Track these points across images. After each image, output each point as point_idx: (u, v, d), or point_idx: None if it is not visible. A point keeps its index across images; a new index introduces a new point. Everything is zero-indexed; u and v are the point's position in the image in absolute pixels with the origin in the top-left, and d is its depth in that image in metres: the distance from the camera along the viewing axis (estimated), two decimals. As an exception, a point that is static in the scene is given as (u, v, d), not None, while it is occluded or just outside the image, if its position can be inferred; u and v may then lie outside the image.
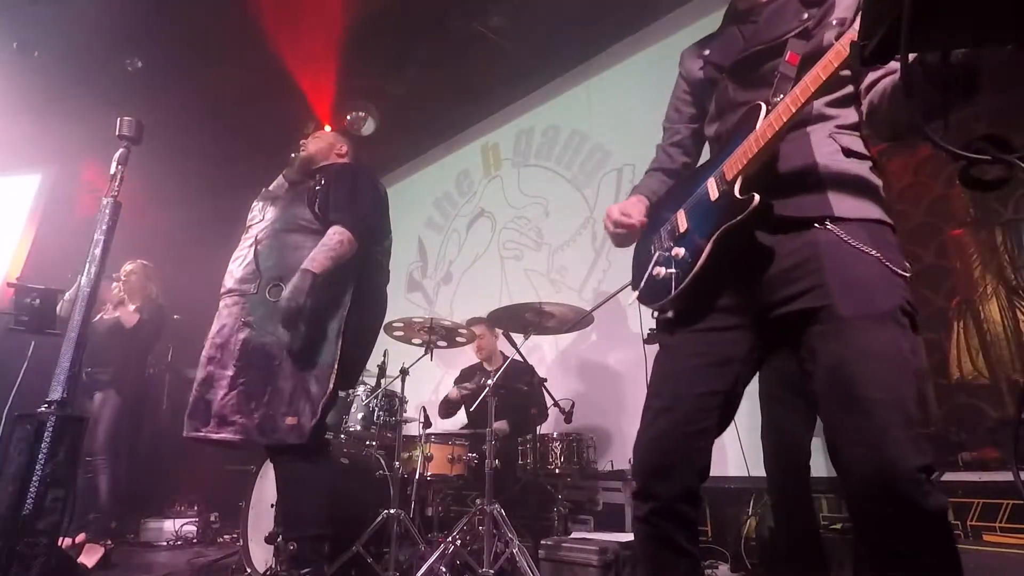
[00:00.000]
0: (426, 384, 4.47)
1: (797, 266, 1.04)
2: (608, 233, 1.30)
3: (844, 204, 1.04)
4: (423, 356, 3.08)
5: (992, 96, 2.90)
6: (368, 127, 5.06)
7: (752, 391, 2.40)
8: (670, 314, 1.18)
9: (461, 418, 3.78)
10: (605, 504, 3.29)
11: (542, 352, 4.09)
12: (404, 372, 2.95)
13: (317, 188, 2.19)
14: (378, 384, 3.18)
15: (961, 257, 3.14)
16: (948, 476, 2.57)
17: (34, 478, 1.40)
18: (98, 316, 3.60)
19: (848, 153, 1.08)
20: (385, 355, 3.12)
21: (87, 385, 3.42)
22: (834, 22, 1.08)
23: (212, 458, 4.50)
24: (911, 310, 1.00)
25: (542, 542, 2.47)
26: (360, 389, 3.13)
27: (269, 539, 2.37)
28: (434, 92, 5.05)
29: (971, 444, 2.72)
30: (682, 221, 1.18)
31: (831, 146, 1.09)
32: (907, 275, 1.01)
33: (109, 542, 3.18)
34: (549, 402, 3.09)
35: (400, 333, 3.09)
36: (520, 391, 3.02)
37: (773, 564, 2.49)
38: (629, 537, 2.75)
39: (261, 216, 2.25)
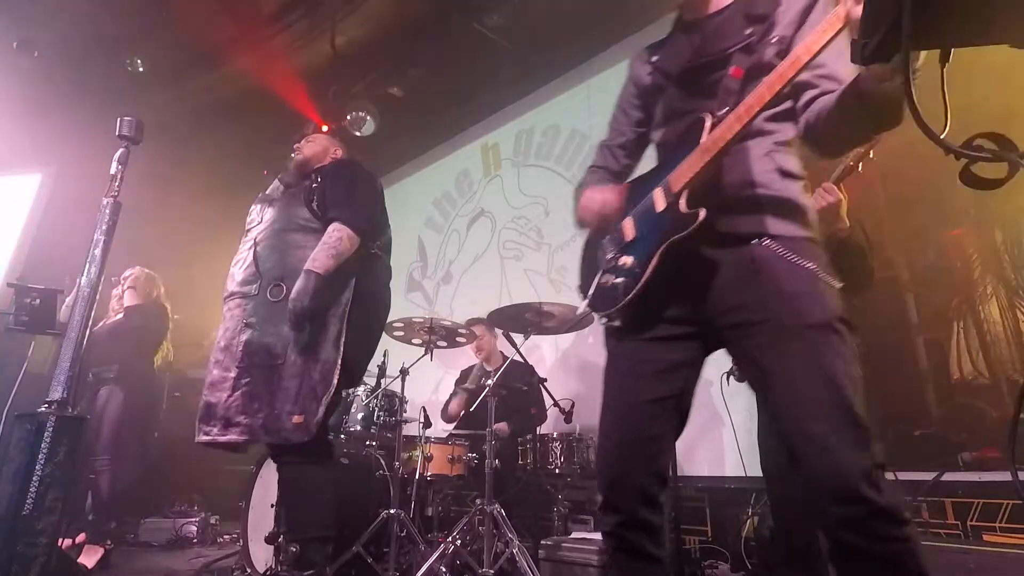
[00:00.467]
0: (426, 384, 4.47)
1: (738, 279, 1.08)
2: (585, 218, 1.28)
3: (778, 224, 1.09)
4: (423, 356, 3.08)
5: (992, 96, 2.90)
6: (368, 127, 5.06)
7: (750, 391, 2.41)
8: (618, 322, 1.20)
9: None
10: (605, 504, 3.29)
11: (542, 352, 4.09)
12: (404, 372, 2.96)
13: (314, 186, 2.19)
14: (378, 384, 3.18)
15: (961, 257, 3.14)
16: (948, 476, 2.56)
17: (34, 478, 1.40)
18: (100, 323, 3.62)
19: (784, 174, 1.13)
20: (385, 355, 3.12)
21: (93, 384, 3.42)
22: (774, 40, 1.13)
23: (212, 458, 4.49)
24: (847, 317, 1.05)
25: (542, 542, 2.47)
26: (360, 389, 3.13)
27: (269, 539, 2.37)
28: (434, 92, 5.06)
29: (971, 444, 2.72)
30: (629, 229, 1.21)
31: (769, 165, 1.13)
32: (839, 286, 1.07)
33: (109, 542, 3.18)
34: (549, 402, 3.09)
35: (400, 333, 3.09)
36: (520, 391, 3.02)
37: (773, 564, 2.49)
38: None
39: (259, 218, 2.25)
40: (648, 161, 1.39)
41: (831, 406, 0.97)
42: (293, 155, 2.38)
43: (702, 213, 1.05)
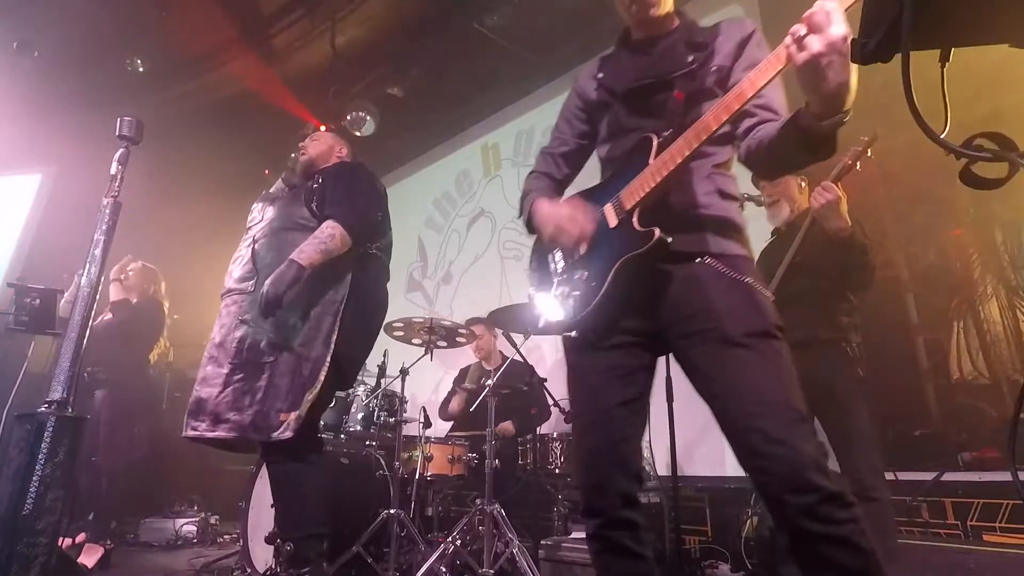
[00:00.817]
0: (426, 384, 4.47)
1: (684, 293, 1.16)
2: (557, 239, 1.27)
3: (719, 243, 1.19)
4: (423, 356, 3.08)
5: (992, 95, 2.90)
6: (368, 127, 5.06)
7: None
8: (575, 333, 1.25)
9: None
10: (605, 504, 3.29)
11: (542, 352, 4.09)
12: (404, 372, 2.96)
13: (314, 187, 2.19)
14: (378, 384, 3.18)
15: (961, 257, 3.14)
16: (948, 476, 2.56)
17: (34, 478, 1.40)
18: (98, 319, 3.60)
19: (723, 195, 1.23)
20: (385, 355, 3.12)
21: (88, 385, 3.42)
22: (714, 68, 1.23)
23: (212, 458, 4.50)
24: (781, 325, 1.15)
25: (542, 542, 2.47)
26: (360, 389, 3.13)
27: (269, 539, 2.37)
28: (434, 92, 5.06)
29: (971, 444, 2.72)
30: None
31: (710, 186, 1.23)
32: (772, 299, 1.18)
33: (109, 542, 3.18)
34: (549, 402, 3.09)
35: (400, 333, 3.09)
36: (520, 391, 3.02)
37: (773, 564, 2.49)
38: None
39: (260, 216, 2.24)
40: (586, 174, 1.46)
41: (779, 403, 1.04)
42: (299, 155, 2.37)
43: (658, 232, 1.11)
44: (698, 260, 1.17)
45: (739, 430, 1.07)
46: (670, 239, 1.12)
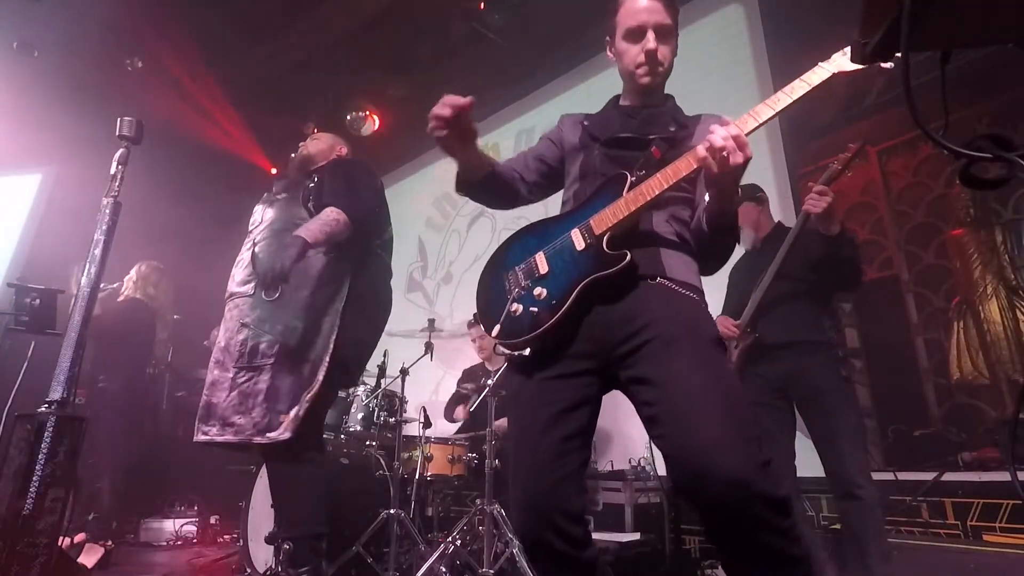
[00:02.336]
0: (426, 384, 4.47)
1: (637, 308, 1.20)
2: (440, 117, 1.30)
3: (673, 270, 1.26)
4: (423, 356, 3.08)
5: (993, 96, 2.90)
6: (368, 127, 5.06)
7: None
8: (526, 352, 1.23)
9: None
10: (605, 504, 3.29)
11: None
12: (404, 372, 2.96)
13: (311, 186, 2.19)
14: (378, 384, 3.18)
15: (961, 257, 3.14)
16: (948, 476, 2.57)
17: (34, 478, 1.40)
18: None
19: (680, 238, 1.32)
20: (385, 355, 3.12)
21: (87, 385, 3.42)
22: (690, 145, 1.31)
23: (212, 458, 4.49)
24: (723, 339, 1.24)
25: (542, 542, 2.46)
26: (360, 389, 3.13)
27: (269, 539, 2.36)
28: (434, 92, 5.04)
29: (971, 444, 2.72)
30: (542, 264, 1.29)
31: (670, 228, 1.32)
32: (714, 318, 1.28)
33: (109, 542, 3.18)
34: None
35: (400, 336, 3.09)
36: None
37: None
38: (629, 537, 2.75)
39: (260, 218, 2.24)
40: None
41: (731, 406, 1.07)
42: (296, 153, 2.38)
43: (628, 255, 1.17)
44: (651, 281, 1.23)
45: (684, 431, 1.06)
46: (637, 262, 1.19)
